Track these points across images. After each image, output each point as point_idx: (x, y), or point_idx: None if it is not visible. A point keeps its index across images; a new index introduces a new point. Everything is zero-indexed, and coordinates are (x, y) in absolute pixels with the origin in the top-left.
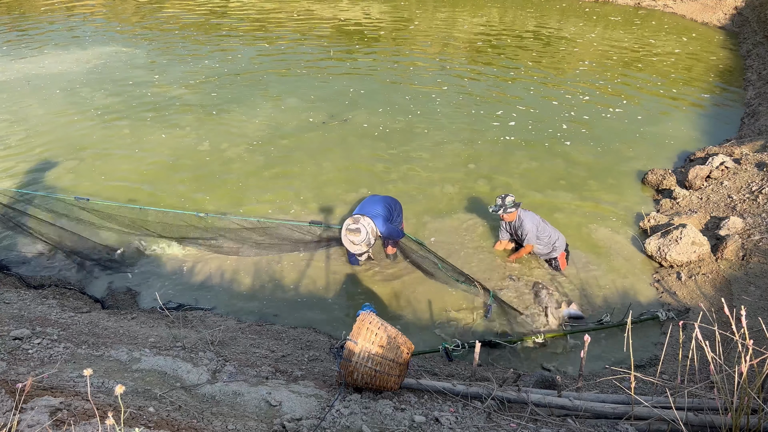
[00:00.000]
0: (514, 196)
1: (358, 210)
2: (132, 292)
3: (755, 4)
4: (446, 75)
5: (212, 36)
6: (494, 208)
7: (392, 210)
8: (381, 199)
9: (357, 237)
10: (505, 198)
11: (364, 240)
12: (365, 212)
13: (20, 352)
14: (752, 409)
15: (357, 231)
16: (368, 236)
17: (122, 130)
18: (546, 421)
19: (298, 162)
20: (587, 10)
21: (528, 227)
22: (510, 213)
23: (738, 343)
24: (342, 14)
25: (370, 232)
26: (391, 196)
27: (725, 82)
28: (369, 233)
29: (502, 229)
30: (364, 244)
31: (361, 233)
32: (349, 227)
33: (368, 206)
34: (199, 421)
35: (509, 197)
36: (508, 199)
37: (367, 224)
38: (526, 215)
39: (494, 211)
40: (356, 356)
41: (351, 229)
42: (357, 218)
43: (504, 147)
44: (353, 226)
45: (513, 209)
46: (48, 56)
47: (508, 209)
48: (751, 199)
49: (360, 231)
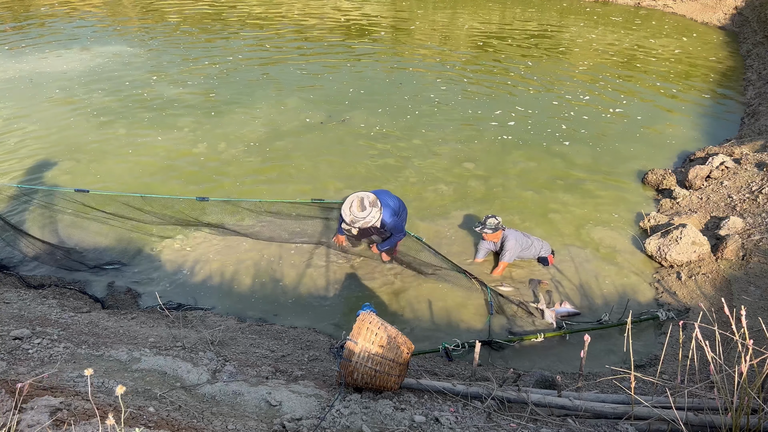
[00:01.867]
0: (500, 219)
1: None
2: (132, 292)
3: (755, 4)
4: (446, 75)
5: (212, 36)
6: (477, 224)
7: (400, 209)
8: (393, 196)
9: (360, 213)
10: (487, 219)
11: (365, 219)
12: (383, 200)
13: (20, 352)
14: (752, 409)
15: (364, 207)
16: (370, 217)
17: (118, 131)
18: (546, 421)
19: (295, 163)
20: (588, 10)
21: (509, 246)
22: (489, 234)
23: (738, 343)
24: (342, 14)
25: (375, 217)
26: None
27: (725, 82)
28: (372, 217)
29: (481, 248)
30: (359, 223)
31: (366, 210)
32: (362, 200)
33: (382, 195)
34: (199, 421)
35: (492, 219)
36: (490, 221)
37: (377, 209)
38: (510, 233)
39: (476, 228)
40: (356, 356)
41: (362, 203)
42: (373, 199)
43: (502, 147)
44: (365, 202)
45: (491, 231)
46: (47, 56)
47: (486, 229)
48: (751, 199)
49: (366, 209)
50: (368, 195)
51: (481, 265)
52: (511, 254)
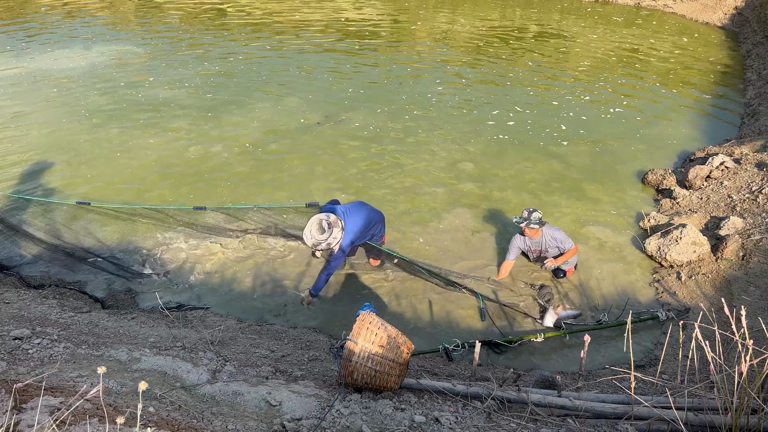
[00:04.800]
0: (542, 214)
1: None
2: (132, 292)
3: (755, 4)
4: (445, 75)
5: (211, 37)
6: (518, 219)
7: (371, 224)
8: (365, 212)
9: (320, 236)
10: (532, 212)
11: (327, 242)
12: (346, 223)
13: (20, 352)
14: (752, 409)
15: (323, 230)
16: (331, 238)
17: (111, 131)
18: (546, 421)
19: (289, 166)
20: (589, 10)
21: (561, 236)
22: (533, 229)
23: (738, 343)
24: (343, 14)
25: (336, 238)
26: (376, 208)
27: (725, 82)
28: (334, 238)
29: (513, 248)
30: (321, 246)
31: (325, 233)
32: (320, 222)
33: (351, 216)
34: (199, 421)
35: (536, 213)
36: (535, 215)
37: (338, 228)
38: (553, 228)
39: (518, 223)
40: (356, 356)
41: (320, 225)
42: (334, 219)
43: (499, 147)
44: (324, 224)
45: (537, 226)
46: (46, 55)
47: (531, 224)
48: (751, 199)
49: (325, 231)
50: (327, 216)
51: (480, 265)
52: (568, 241)
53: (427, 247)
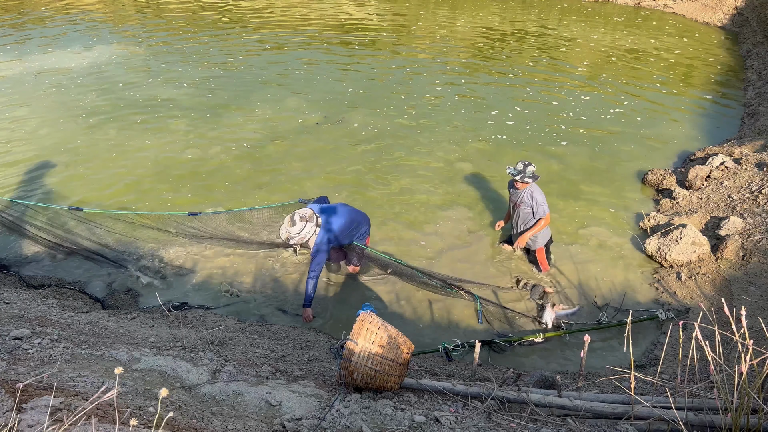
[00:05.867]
0: (536, 167)
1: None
2: (132, 292)
3: (755, 4)
4: (445, 75)
5: (211, 37)
6: (512, 171)
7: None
8: (346, 211)
9: (292, 228)
10: (527, 166)
11: (299, 235)
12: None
13: (20, 352)
14: (752, 409)
15: (294, 222)
16: (304, 232)
17: (109, 132)
18: (546, 421)
19: (287, 167)
20: (589, 10)
21: (540, 198)
22: (526, 183)
23: (738, 343)
24: (342, 14)
25: (309, 232)
26: (360, 211)
27: (725, 82)
28: (307, 232)
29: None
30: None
31: (296, 226)
32: (293, 216)
33: (330, 213)
34: (199, 421)
35: (531, 167)
36: (530, 168)
37: (312, 223)
38: (536, 186)
39: (511, 174)
40: (356, 356)
41: (292, 218)
42: (309, 214)
43: (498, 147)
44: (296, 217)
45: (530, 180)
46: (46, 56)
47: (526, 177)
48: (751, 199)
49: (296, 224)
50: (304, 211)
51: (477, 266)
52: (545, 205)
53: (426, 249)
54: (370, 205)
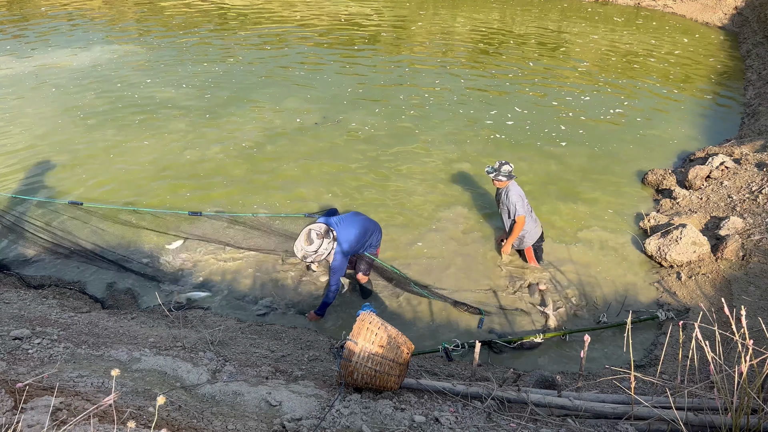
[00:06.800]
0: (513, 167)
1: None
2: (132, 292)
3: (755, 4)
4: (445, 75)
5: (211, 37)
6: (489, 169)
7: (367, 233)
8: (360, 221)
9: (309, 246)
10: (503, 165)
11: (317, 254)
12: (340, 233)
13: (20, 352)
14: (752, 409)
15: (311, 241)
16: (322, 250)
17: (107, 132)
18: (546, 421)
19: (286, 168)
20: (589, 10)
21: (513, 199)
22: (502, 182)
23: (738, 343)
24: (343, 14)
25: (327, 249)
26: (373, 220)
27: (725, 82)
28: (324, 249)
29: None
30: (310, 258)
31: (314, 244)
32: (309, 233)
33: (345, 226)
34: (199, 421)
35: (507, 166)
36: (505, 167)
37: (328, 240)
38: (514, 186)
39: (488, 172)
40: (356, 356)
41: (309, 236)
42: (325, 230)
43: (497, 147)
44: (312, 234)
45: (505, 179)
46: (46, 55)
47: (500, 175)
48: (751, 199)
49: (314, 241)
50: (319, 226)
51: (476, 271)
52: (520, 206)
53: (424, 250)
54: (368, 205)
